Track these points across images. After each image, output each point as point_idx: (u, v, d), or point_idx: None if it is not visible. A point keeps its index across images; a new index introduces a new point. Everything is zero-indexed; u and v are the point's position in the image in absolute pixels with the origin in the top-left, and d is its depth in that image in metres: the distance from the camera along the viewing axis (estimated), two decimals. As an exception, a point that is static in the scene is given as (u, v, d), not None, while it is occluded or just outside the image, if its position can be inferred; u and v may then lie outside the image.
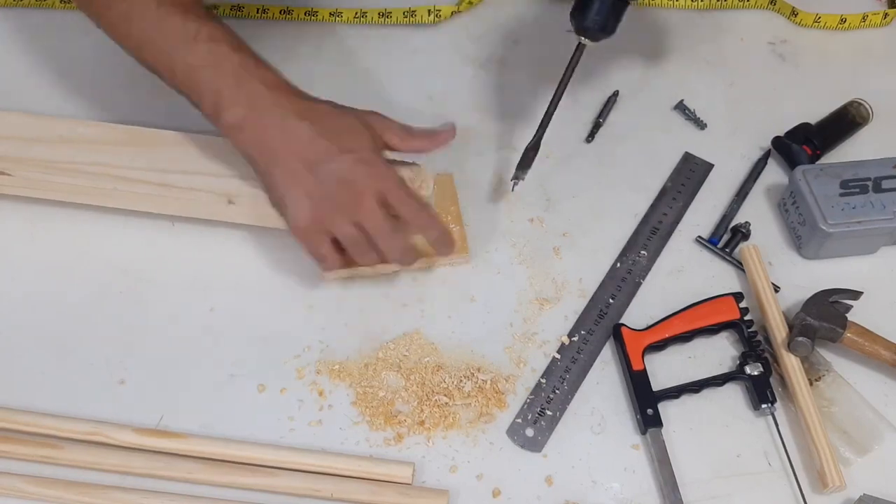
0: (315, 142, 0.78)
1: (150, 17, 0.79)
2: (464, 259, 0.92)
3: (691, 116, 1.04)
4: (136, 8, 0.79)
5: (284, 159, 0.79)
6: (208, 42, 0.78)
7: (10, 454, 0.80)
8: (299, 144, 0.78)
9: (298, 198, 0.79)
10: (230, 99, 0.78)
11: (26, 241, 0.93)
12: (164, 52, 0.79)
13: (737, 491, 0.80)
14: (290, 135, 0.79)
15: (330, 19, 1.13)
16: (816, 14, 1.12)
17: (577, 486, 0.81)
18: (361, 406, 0.84)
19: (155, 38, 0.79)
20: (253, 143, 0.80)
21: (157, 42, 0.79)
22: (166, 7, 0.79)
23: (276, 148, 0.79)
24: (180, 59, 0.78)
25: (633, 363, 0.85)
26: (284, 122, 0.79)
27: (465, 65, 1.10)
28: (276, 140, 0.79)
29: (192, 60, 0.78)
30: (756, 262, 0.90)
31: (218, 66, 0.78)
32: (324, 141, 0.78)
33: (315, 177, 0.78)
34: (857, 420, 0.82)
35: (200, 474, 0.79)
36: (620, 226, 0.96)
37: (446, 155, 1.01)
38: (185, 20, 0.78)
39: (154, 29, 0.79)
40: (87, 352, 0.87)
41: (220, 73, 0.78)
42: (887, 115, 1.02)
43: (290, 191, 0.79)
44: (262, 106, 0.78)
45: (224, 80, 0.78)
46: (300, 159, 0.79)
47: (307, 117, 0.79)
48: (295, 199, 0.79)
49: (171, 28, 0.78)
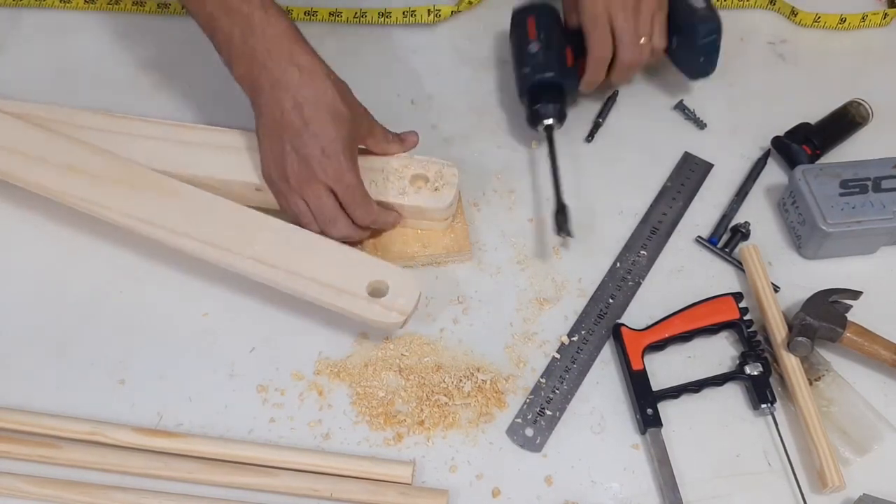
0: (292, 115, 0.83)
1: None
2: (466, 256, 0.92)
3: (691, 116, 1.04)
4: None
5: (267, 122, 0.85)
6: None
7: (10, 454, 0.80)
8: (281, 114, 0.83)
9: (265, 156, 0.87)
10: (237, 55, 0.85)
11: (27, 241, 0.93)
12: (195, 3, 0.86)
13: (737, 491, 0.80)
14: (278, 105, 0.83)
15: (329, 19, 1.13)
16: (816, 14, 1.12)
17: (577, 485, 0.80)
18: (361, 406, 0.84)
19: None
20: (252, 94, 0.86)
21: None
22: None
23: (262, 109, 0.85)
24: (202, 7, 0.85)
25: (633, 363, 0.85)
26: (278, 93, 0.83)
27: (465, 64, 1.10)
28: (266, 104, 0.84)
29: (211, 9, 0.84)
30: (756, 262, 0.90)
31: (228, 20, 0.84)
32: (299, 117, 0.83)
33: (282, 145, 0.84)
34: (856, 420, 0.82)
35: (200, 474, 0.79)
36: (620, 226, 0.96)
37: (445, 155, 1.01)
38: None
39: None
40: (87, 352, 0.87)
41: (229, 26, 0.84)
42: (887, 115, 1.02)
43: (263, 144, 0.87)
44: (262, 65, 0.83)
45: (233, 33, 0.84)
46: (275, 125, 0.84)
47: (297, 92, 0.83)
48: (264, 156, 0.87)
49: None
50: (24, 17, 1.13)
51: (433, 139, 1.03)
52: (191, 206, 0.88)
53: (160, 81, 1.07)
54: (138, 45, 1.11)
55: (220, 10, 0.84)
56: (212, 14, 0.84)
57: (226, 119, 1.03)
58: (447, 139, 1.03)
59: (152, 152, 0.92)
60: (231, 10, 0.83)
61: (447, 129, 1.04)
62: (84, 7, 1.14)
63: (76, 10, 1.14)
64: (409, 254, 0.91)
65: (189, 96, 1.06)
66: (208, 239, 0.85)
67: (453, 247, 0.92)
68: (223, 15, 0.84)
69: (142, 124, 0.94)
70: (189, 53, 1.07)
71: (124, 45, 1.11)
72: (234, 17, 0.83)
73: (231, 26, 0.83)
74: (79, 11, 1.14)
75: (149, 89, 1.07)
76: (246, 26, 0.83)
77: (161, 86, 1.07)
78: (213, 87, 1.05)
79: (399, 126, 1.03)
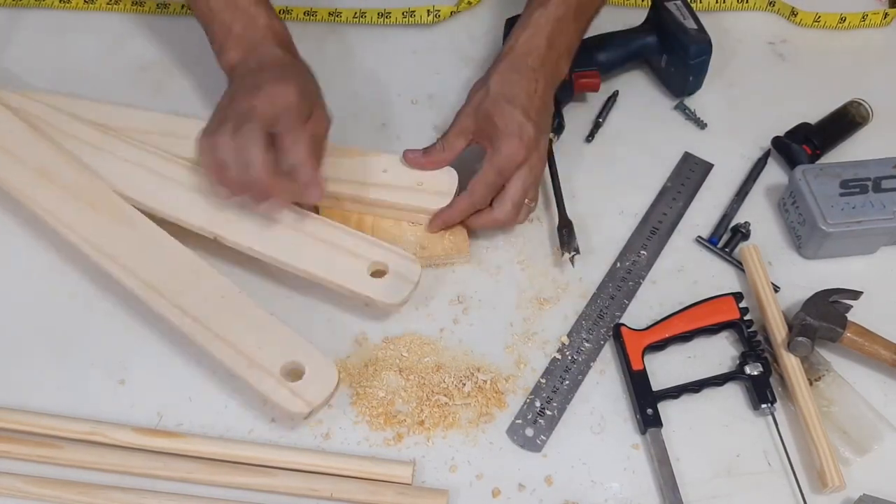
0: (267, 65, 0.86)
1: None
2: (464, 258, 0.92)
3: (691, 116, 1.04)
4: None
5: (239, 72, 0.88)
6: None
7: (10, 454, 0.80)
8: (258, 66, 0.86)
9: (222, 97, 0.87)
10: (234, 43, 0.89)
11: (27, 241, 0.93)
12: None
13: (737, 491, 0.80)
14: (260, 66, 0.86)
15: (329, 19, 1.13)
16: (816, 14, 1.12)
17: (577, 486, 0.80)
18: (361, 406, 0.84)
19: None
20: (234, 70, 0.89)
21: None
22: None
23: (242, 73, 0.87)
24: (204, 3, 0.90)
25: (633, 363, 0.85)
26: (262, 61, 0.87)
27: (465, 65, 1.10)
28: (247, 69, 0.87)
29: (213, 5, 0.90)
30: (756, 261, 0.90)
31: (231, 15, 0.89)
32: (272, 67, 0.86)
33: (242, 81, 0.86)
34: (856, 420, 0.82)
35: (200, 474, 0.79)
36: (620, 225, 0.96)
37: (446, 155, 1.01)
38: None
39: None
40: (87, 352, 0.87)
41: (231, 20, 0.89)
42: (887, 115, 1.02)
43: (219, 103, 0.87)
44: (255, 51, 0.88)
45: (234, 26, 0.89)
46: (248, 71, 0.87)
47: (281, 59, 0.88)
48: (215, 110, 0.86)
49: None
50: (23, 17, 1.13)
51: (433, 139, 1.02)
52: (140, 239, 0.87)
53: (160, 81, 1.07)
54: (138, 45, 1.11)
55: (225, 7, 0.89)
56: (212, 8, 0.89)
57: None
58: (447, 139, 1.03)
59: (128, 177, 0.91)
60: (237, 8, 0.89)
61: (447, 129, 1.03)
62: (84, 7, 1.14)
63: (76, 10, 1.14)
64: None
65: (189, 96, 1.06)
66: (144, 276, 0.84)
67: (452, 248, 0.92)
68: (227, 10, 0.89)
69: (128, 148, 0.93)
70: (189, 53, 1.07)
71: (124, 45, 1.11)
72: (237, 14, 0.89)
73: (233, 21, 0.89)
74: (78, 11, 1.14)
75: (149, 89, 1.07)
76: (249, 23, 0.89)
77: (161, 86, 1.07)
78: (213, 87, 1.05)
79: (399, 126, 1.04)
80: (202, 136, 0.85)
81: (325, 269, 0.86)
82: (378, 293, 0.85)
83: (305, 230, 0.88)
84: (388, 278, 0.86)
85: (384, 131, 1.02)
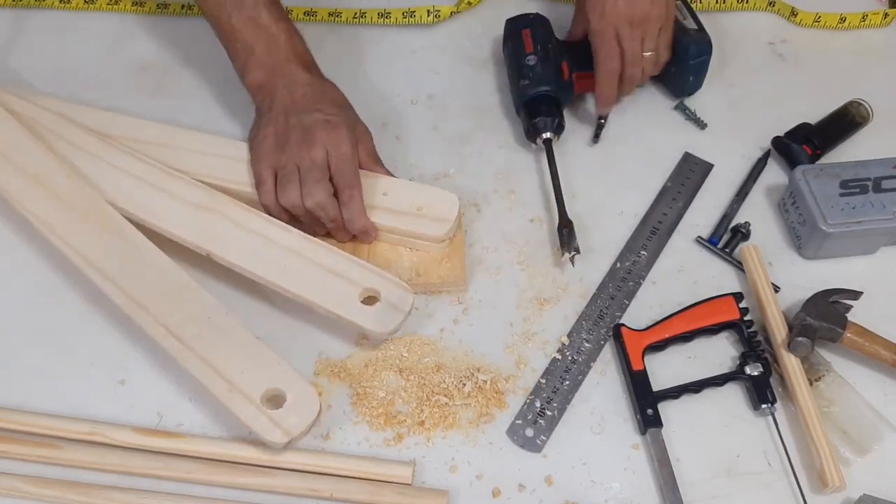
0: (302, 100, 0.90)
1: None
2: (460, 287, 0.91)
3: (691, 116, 1.04)
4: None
5: (276, 109, 0.90)
6: (252, 10, 0.91)
7: (10, 454, 0.80)
8: (291, 100, 0.90)
9: (266, 135, 0.90)
10: (256, 63, 0.91)
11: (27, 241, 0.93)
12: (217, 8, 0.92)
13: (737, 491, 0.80)
14: (290, 94, 0.90)
15: (329, 19, 1.13)
16: (816, 14, 1.12)
17: (577, 486, 0.80)
18: (361, 406, 0.84)
19: None
20: (263, 98, 0.92)
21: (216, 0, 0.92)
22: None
23: (276, 102, 0.91)
24: (225, 19, 0.91)
25: (633, 363, 0.85)
26: (291, 87, 0.90)
27: (465, 65, 1.10)
28: (279, 97, 0.91)
29: (235, 23, 0.91)
30: (756, 262, 0.90)
31: (254, 34, 0.91)
32: (308, 102, 0.90)
33: (286, 121, 0.89)
34: (856, 420, 0.82)
35: (200, 474, 0.79)
36: (620, 226, 0.96)
37: (446, 155, 1.01)
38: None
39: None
40: (87, 352, 0.87)
41: (254, 39, 0.91)
42: (887, 115, 1.02)
43: (263, 129, 0.91)
44: (280, 73, 0.91)
45: (256, 46, 0.91)
46: (284, 109, 0.90)
47: (311, 86, 0.91)
48: (263, 136, 0.90)
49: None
50: (23, 17, 1.13)
51: (433, 139, 1.03)
52: (130, 253, 0.86)
53: (160, 81, 1.07)
54: (138, 45, 1.11)
55: (247, 25, 0.91)
56: (234, 27, 0.91)
57: (224, 118, 1.03)
58: (447, 139, 1.03)
59: (122, 188, 0.90)
60: (259, 26, 0.91)
61: (447, 129, 1.04)
62: (84, 7, 1.14)
63: (76, 10, 1.14)
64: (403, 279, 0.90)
65: (188, 96, 1.06)
66: (131, 292, 0.83)
67: (448, 276, 0.90)
68: (248, 29, 0.91)
69: (125, 158, 0.92)
70: (189, 53, 1.07)
71: (124, 45, 1.11)
72: (259, 33, 0.91)
73: (256, 40, 0.91)
74: (78, 11, 1.14)
75: (149, 89, 1.07)
76: (271, 43, 0.91)
77: (161, 86, 1.07)
78: (213, 87, 1.05)
79: (399, 126, 1.04)
80: (264, 192, 0.89)
81: (315, 292, 0.85)
82: (367, 321, 0.83)
83: (300, 252, 0.87)
84: (380, 306, 0.84)
85: (384, 131, 1.02)
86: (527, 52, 1.01)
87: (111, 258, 0.86)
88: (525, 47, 1.01)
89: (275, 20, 0.91)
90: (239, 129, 1.02)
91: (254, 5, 0.91)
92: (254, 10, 0.91)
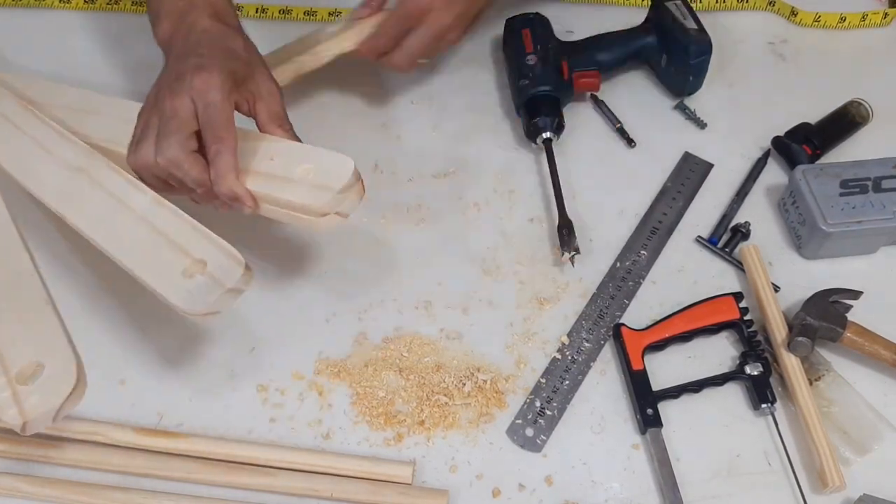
0: (194, 46, 0.80)
1: None
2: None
3: (691, 116, 1.04)
4: None
5: (169, 59, 0.83)
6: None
7: (10, 454, 0.80)
8: (183, 48, 0.81)
9: (152, 88, 0.82)
10: (165, 14, 0.85)
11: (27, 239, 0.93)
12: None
13: (737, 491, 0.80)
14: (185, 42, 0.82)
15: (329, 19, 1.13)
16: (816, 13, 1.12)
17: (577, 486, 0.80)
18: (361, 406, 0.84)
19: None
20: (167, 51, 0.84)
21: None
22: None
23: (170, 53, 0.83)
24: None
25: (633, 363, 0.85)
26: (188, 34, 0.82)
27: (464, 65, 1.10)
28: (175, 46, 0.83)
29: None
30: (756, 261, 0.90)
31: None
32: (197, 47, 0.80)
33: (167, 67, 0.82)
34: (856, 420, 0.82)
35: (200, 474, 0.79)
36: (620, 225, 0.96)
37: (446, 155, 1.01)
38: None
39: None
40: (87, 352, 0.87)
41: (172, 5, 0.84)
42: (887, 115, 1.02)
43: (156, 83, 0.82)
44: (183, 21, 0.83)
45: (174, 8, 0.84)
46: (175, 58, 0.81)
47: (208, 32, 0.82)
48: (152, 89, 0.82)
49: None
50: (23, 17, 1.13)
51: (433, 139, 1.02)
52: None
53: (160, 81, 1.07)
54: (138, 46, 1.11)
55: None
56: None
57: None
58: (447, 139, 1.03)
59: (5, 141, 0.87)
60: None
61: (447, 129, 1.04)
62: (83, 7, 1.14)
63: (76, 10, 1.14)
64: None
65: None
66: None
67: None
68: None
69: (20, 113, 0.90)
70: (189, 53, 1.07)
71: (124, 45, 1.11)
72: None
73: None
74: (78, 11, 1.14)
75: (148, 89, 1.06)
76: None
77: (161, 86, 1.07)
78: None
79: (399, 126, 1.04)
80: (130, 148, 0.79)
81: (140, 263, 0.75)
82: (177, 297, 0.71)
83: (146, 217, 0.77)
84: (199, 279, 0.72)
85: (384, 131, 1.02)
86: (527, 51, 1.01)
87: None
88: (525, 47, 1.01)
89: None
90: (239, 128, 1.02)
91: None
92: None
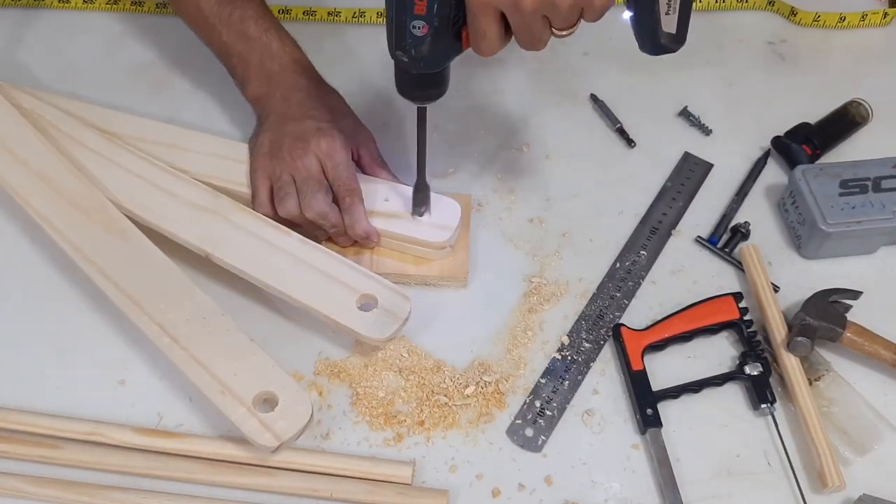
0: (298, 107, 0.90)
1: (194, 1, 0.93)
2: (460, 283, 0.91)
3: (696, 123, 1.04)
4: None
5: (272, 118, 0.92)
6: (239, 24, 0.92)
7: (10, 454, 0.80)
8: (286, 108, 0.91)
9: (262, 143, 0.91)
10: (253, 75, 0.93)
11: (29, 239, 0.93)
12: (207, 29, 0.94)
13: (737, 491, 0.80)
14: (286, 102, 0.91)
15: (329, 19, 1.13)
16: (816, 13, 1.12)
17: (577, 486, 0.80)
18: (361, 406, 0.84)
19: (198, 19, 0.94)
20: (262, 108, 0.93)
21: (204, 21, 0.94)
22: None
23: (273, 111, 0.92)
24: (217, 37, 0.93)
25: (633, 363, 0.85)
26: (287, 95, 0.91)
27: (464, 65, 1.09)
28: (276, 105, 0.92)
29: (227, 39, 0.93)
30: (756, 261, 0.90)
31: (246, 47, 0.92)
32: (303, 109, 0.90)
33: (281, 130, 0.90)
34: (856, 420, 0.82)
35: (200, 474, 0.79)
36: (620, 226, 0.96)
37: (446, 155, 1.01)
38: (220, 4, 0.93)
39: (197, 11, 0.93)
40: (87, 352, 0.87)
41: (247, 52, 0.92)
42: (887, 115, 1.02)
43: (259, 137, 0.92)
44: (277, 81, 0.92)
45: (251, 58, 0.92)
46: (279, 117, 0.91)
47: (306, 92, 0.92)
48: (259, 144, 0.91)
49: (208, 8, 0.93)
50: (23, 17, 1.13)
51: (433, 139, 1.02)
52: (130, 252, 0.86)
53: (160, 81, 1.07)
54: (137, 45, 1.11)
55: (238, 40, 0.92)
56: (227, 43, 0.93)
57: (223, 118, 1.03)
58: (447, 139, 1.03)
59: (126, 187, 0.90)
60: (249, 39, 0.92)
61: (447, 129, 1.04)
62: (83, 7, 1.14)
63: (75, 10, 1.14)
64: (400, 270, 0.90)
65: (188, 96, 1.06)
66: (128, 290, 0.83)
67: (448, 271, 0.90)
68: (240, 42, 0.92)
69: (130, 157, 0.92)
70: (188, 54, 1.07)
71: (124, 45, 1.11)
72: (252, 45, 0.92)
73: (249, 52, 0.92)
74: (78, 11, 1.14)
75: (148, 89, 1.07)
76: (265, 53, 0.92)
77: (161, 86, 1.07)
78: (212, 87, 1.05)
79: (399, 126, 1.04)
80: (259, 203, 0.89)
81: (312, 297, 0.84)
82: (363, 327, 0.83)
83: (298, 256, 0.87)
84: (376, 313, 0.84)
85: (384, 131, 1.02)
86: (415, 13, 0.70)
87: (110, 256, 0.86)
88: (415, 4, 0.70)
89: (264, 30, 0.92)
90: (237, 128, 1.02)
91: (240, 20, 0.92)
92: (241, 24, 0.92)
